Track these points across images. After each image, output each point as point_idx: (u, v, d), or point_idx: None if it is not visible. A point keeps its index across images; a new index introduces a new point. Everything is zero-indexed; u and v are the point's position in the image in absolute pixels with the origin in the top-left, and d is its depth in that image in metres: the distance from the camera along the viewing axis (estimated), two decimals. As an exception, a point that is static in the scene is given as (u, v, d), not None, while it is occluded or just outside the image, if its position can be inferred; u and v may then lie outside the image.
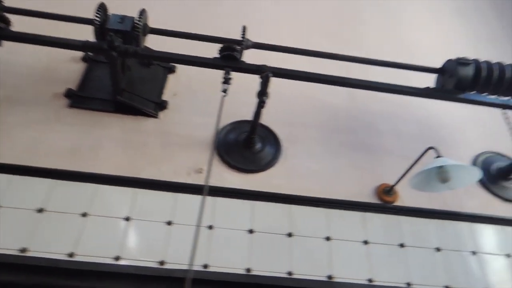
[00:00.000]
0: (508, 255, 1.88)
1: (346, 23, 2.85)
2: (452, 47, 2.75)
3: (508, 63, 1.93)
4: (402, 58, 2.03)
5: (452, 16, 3.06)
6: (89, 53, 2.19)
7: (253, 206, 1.79)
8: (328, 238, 1.78)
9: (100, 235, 1.57)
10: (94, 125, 1.93)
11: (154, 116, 2.02)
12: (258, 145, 1.97)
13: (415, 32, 2.86)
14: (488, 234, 1.93)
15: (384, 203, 1.93)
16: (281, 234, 1.74)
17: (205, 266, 1.57)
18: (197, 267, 1.55)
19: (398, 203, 1.95)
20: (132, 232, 1.61)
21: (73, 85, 2.06)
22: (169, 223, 1.65)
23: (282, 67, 1.81)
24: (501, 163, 2.16)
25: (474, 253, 1.86)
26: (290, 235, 1.75)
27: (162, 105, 2.07)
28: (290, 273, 1.64)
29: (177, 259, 1.56)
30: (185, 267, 1.51)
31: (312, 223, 1.81)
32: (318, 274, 1.66)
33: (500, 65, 1.92)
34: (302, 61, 1.96)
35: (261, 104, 1.75)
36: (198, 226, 1.52)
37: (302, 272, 1.65)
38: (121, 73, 1.96)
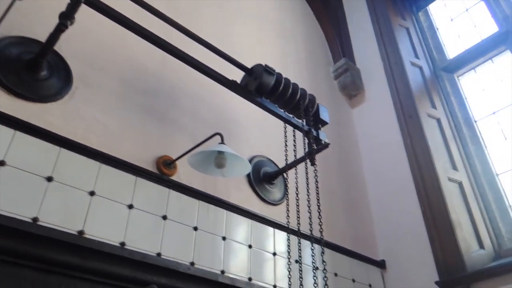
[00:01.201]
0: (250, 246, 2.12)
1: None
2: (267, 58, 3.01)
3: (301, 86, 2.22)
4: (224, 49, 2.10)
5: (278, 37, 3.37)
6: None
7: (14, 136, 1.53)
8: (92, 193, 1.66)
9: None
10: None
11: None
12: (44, 73, 1.71)
13: (244, 37, 3.02)
14: (239, 225, 2.15)
15: (161, 174, 1.93)
16: (39, 176, 1.54)
17: None
18: None
19: (175, 178, 1.98)
20: None
21: None
22: None
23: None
24: (269, 168, 2.45)
25: (224, 238, 2.04)
26: (50, 179, 1.56)
27: None
28: (35, 219, 1.45)
29: None
30: None
31: (79, 173, 1.66)
32: (69, 226, 1.52)
33: (294, 86, 2.19)
34: (129, 8, 1.81)
35: (61, 27, 1.52)
36: None
37: (53, 221, 1.49)
38: None
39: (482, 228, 2.70)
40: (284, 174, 2.46)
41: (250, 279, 2.01)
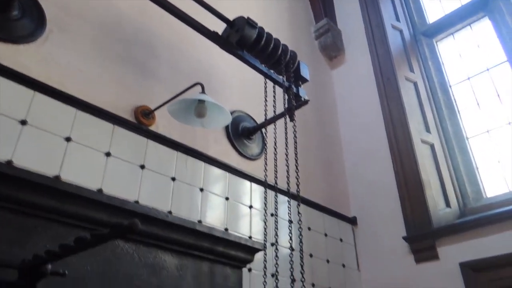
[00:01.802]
0: (227, 198, 2.16)
1: None
2: (249, 14, 2.94)
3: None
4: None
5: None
6: None
7: (-14, 77, 1.47)
8: (68, 139, 1.63)
9: None
10: None
11: None
12: (16, 13, 1.62)
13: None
14: (217, 178, 2.17)
15: (139, 124, 1.91)
16: (12, 119, 1.49)
17: None
18: None
19: (153, 128, 1.97)
20: None
21: None
22: None
23: None
24: (248, 124, 2.46)
25: (202, 190, 2.06)
26: (24, 122, 1.52)
27: None
28: (9, 162, 1.43)
29: None
30: None
31: (55, 119, 1.62)
32: (45, 171, 1.51)
33: (276, 41, 2.17)
34: None
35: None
36: None
37: (28, 164, 1.47)
38: None
39: (449, 188, 2.82)
40: (263, 130, 2.48)
41: (226, 229, 2.06)
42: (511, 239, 2.26)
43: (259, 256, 2.02)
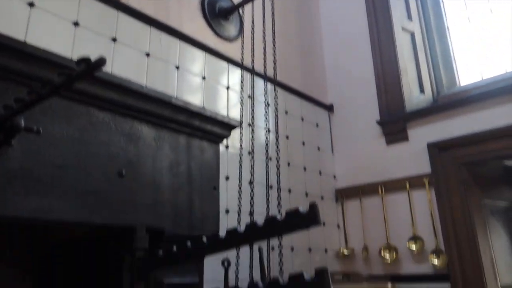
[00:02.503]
0: (203, 78, 2.15)
1: None
2: None
3: None
4: None
5: None
6: None
7: None
8: (31, 4, 1.55)
9: None
10: None
11: None
12: None
13: None
14: (193, 57, 2.14)
15: (108, -6, 1.81)
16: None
17: None
18: None
19: (123, 1, 1.87)
20: None
21: None
22: None
23: None
24: (224, 4, 2.36)
25: (177, 67, 2.04)
26: (-20, -18, 1.42)
27: None
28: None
29: None
30: None
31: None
32: (13, 32, 1.45)
33: None
34: None
35: None
36: None
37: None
38: None
39: (425, 76, 2.86)
40: (240, 11, 2.39)
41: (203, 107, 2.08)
42: (475, 120, 2.37)
43: (236, 135, 2.07)
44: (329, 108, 2.94)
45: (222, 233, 1.30)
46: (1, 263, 1.86)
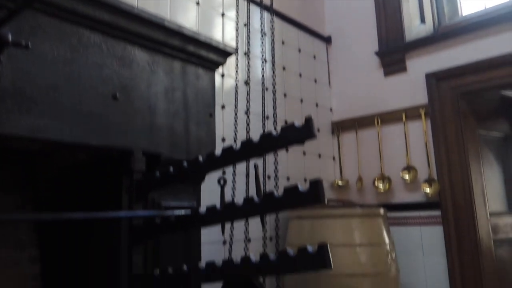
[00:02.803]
0: (197, 3, 2.07)
1: None
2: None
3: None
4: None
5: None
6: None
7: None
8: None
9: None
10: None
11: None
12: None
13: None
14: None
15: None
16: None
17: None
18: None
19: None
20: None
21: None
22: None
23: None
24: None
25: None
26: None
27: None
28: None
29: None
30: None
31: None
32: None
33: None
34: None
35: None
36: None
37: None
38: None
39: (427, 5, 2.76)
40: None
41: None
42: (475, 49, 2.33)
43: (231, 64, 2.04)
44: (327, 40, 2.87)
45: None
46: (1, 191, 1.90)
